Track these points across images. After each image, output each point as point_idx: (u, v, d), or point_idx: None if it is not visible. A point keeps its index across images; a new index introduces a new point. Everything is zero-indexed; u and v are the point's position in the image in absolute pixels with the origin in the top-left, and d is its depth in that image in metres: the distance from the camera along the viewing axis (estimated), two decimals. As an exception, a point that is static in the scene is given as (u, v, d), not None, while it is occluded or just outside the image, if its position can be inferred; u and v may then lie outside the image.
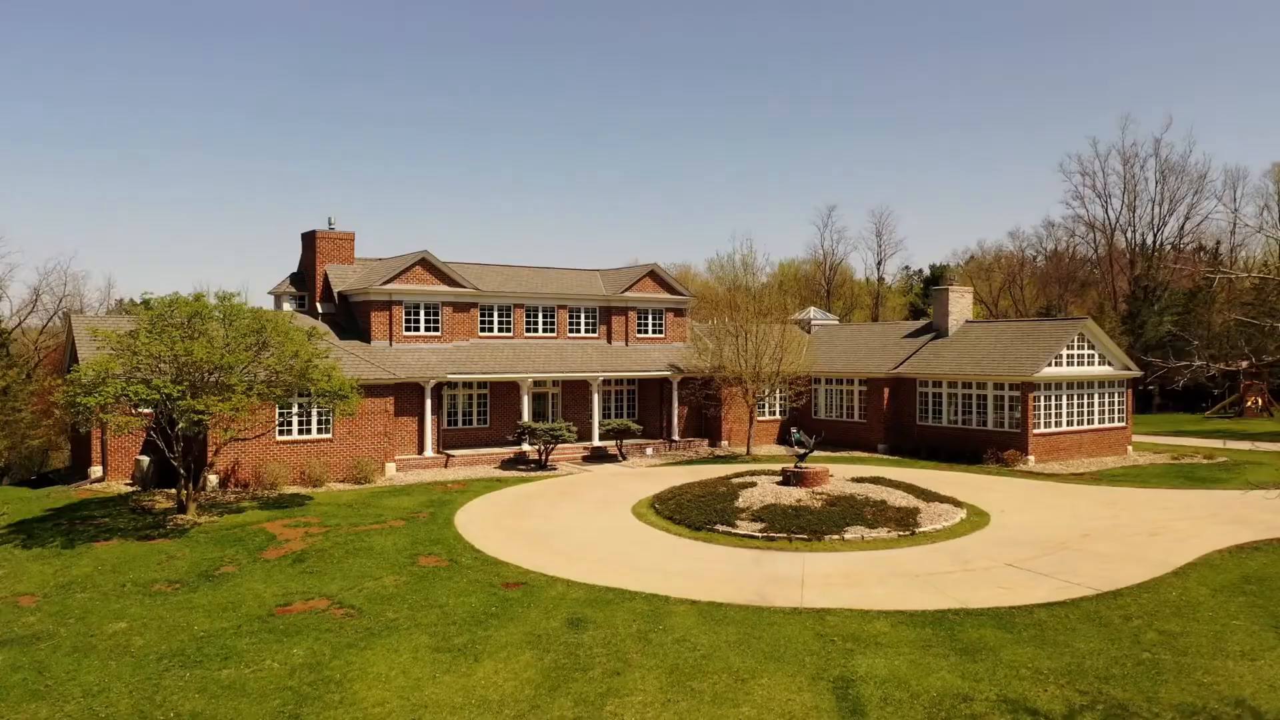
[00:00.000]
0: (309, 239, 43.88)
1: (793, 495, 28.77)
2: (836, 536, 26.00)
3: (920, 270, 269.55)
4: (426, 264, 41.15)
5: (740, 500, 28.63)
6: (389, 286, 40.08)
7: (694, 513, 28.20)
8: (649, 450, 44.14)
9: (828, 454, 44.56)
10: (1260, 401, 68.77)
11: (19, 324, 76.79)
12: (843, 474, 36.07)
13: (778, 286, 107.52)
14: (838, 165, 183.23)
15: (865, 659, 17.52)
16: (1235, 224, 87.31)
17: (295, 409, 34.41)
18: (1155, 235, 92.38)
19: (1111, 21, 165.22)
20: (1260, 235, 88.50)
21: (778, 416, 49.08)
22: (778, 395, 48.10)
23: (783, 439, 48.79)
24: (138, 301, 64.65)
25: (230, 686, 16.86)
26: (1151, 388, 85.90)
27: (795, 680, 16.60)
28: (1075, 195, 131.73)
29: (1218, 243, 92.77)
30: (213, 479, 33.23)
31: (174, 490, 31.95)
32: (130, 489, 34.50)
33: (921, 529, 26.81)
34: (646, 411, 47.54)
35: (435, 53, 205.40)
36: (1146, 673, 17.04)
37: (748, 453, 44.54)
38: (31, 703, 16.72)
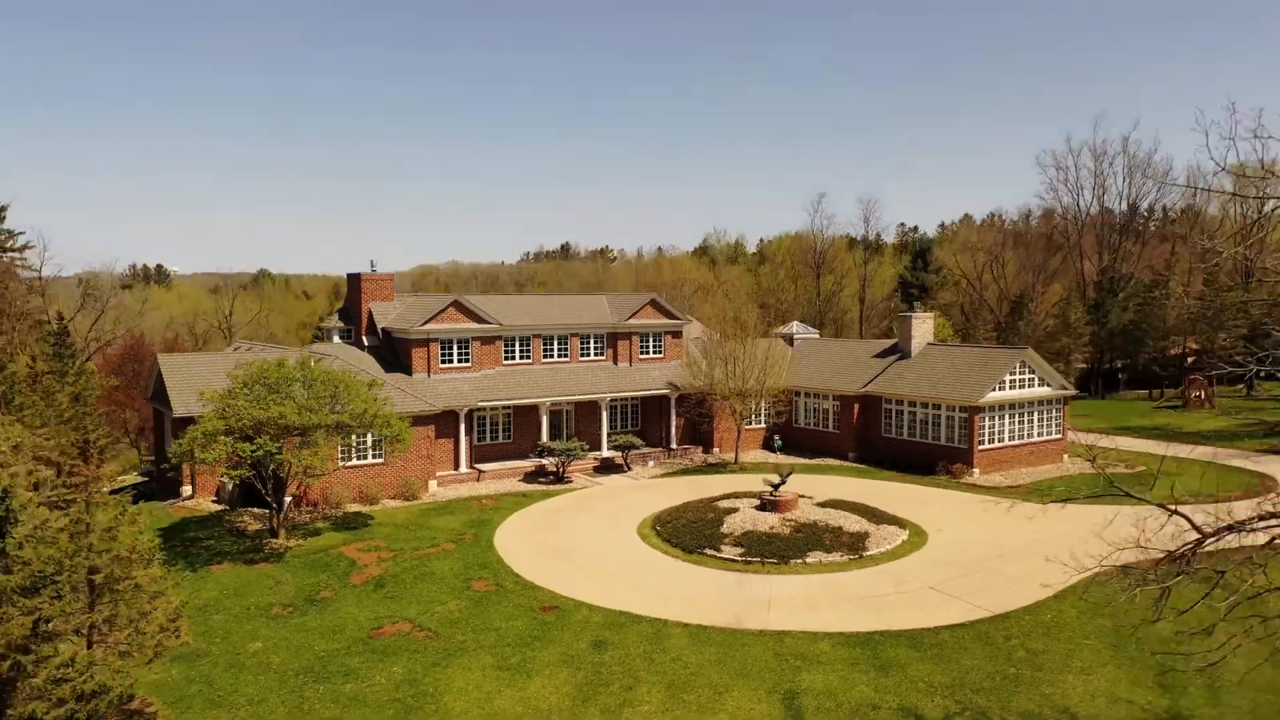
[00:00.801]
0: (354, 280, 50.00)
1: (767, 522, 35.31)
2: (800, 560, 32.53)
3: (916, 227, 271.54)
4: (459, 305, 47.32)
5: (725, 526, 35.17)
6: (427, 327, 46.26)
7: (687, 537, 34.73)
8: (650, 462, 50.58)
9: (805, 460, 51.13)
10: (1203, 394, 74.96)
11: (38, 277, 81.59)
12: (814, 486, 42.64)
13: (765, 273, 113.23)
14: (831, 150, 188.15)
15: (808, 675, 24.10)
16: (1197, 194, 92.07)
17: (354, 440, 40.75)
18: (1122, 229, 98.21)
19: (1100, 23, 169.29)
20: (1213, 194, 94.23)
21: (763, 425, 55.41)
22: (762, 407, 54.40)
23: (767, 444, 55.20)
24: (156, 267, 70.56)
25: (355, 698, 23.47)
26: (1121, 375, 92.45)
27: (756, 693, 23.20)
28: (1050, 188, 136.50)
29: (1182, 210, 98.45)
30: (288, 499, 39.68)
31: (258, 509, 38.46)
32: (218, 507, 40.91)
33: (869, 552, 33.33)
34: (648, 423, 53.93)
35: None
36: (1008, 685, 23.63)
37: (735, 461, 50.99)
38: (212, 709, 23.32)
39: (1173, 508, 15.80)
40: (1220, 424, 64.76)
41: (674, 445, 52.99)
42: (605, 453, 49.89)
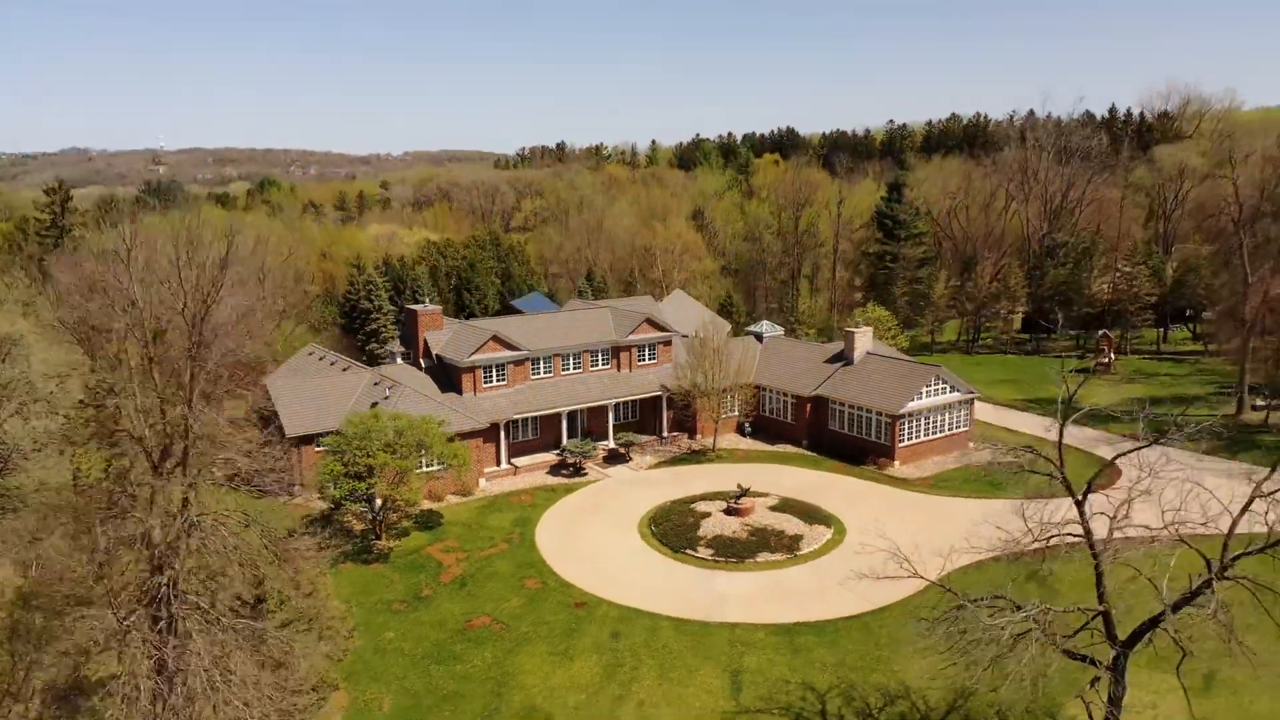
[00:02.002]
0: (411, 315, 62.03)
1: (730, 526, 48.45)
2: (753, 559, 45.70)
3: (904, 125, 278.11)
4: (497, 339, 59.32)
5: (701, 530, 48.31)
6: (473, 358, 58.39)
7: (674, 538, 47.87)
8: (647, 453, 63.43)
9: (766, 447, 64.13)
10: (1107, 359, 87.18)
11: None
12: (773, 479, 55.62)
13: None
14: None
15: (748, 658, 37.44)
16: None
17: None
18: (1062, 198, 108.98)
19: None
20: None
21: (736, 414, 67.99)
22: (736, 399, 66.83)
23: (740, 429, 67.93)
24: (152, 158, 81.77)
25: (464, 676, 36.84)
26: (1055, 331, 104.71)
27: (714, 671, 36.57)
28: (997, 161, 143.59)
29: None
30: (379, 501, 52.62)
31: (357, 507, 51.22)
32: (325, 505, 53.67)
33: (802, 552, 46.49)
34: (645, 414, 66.54)
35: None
36: (871, 664, 36.95)
37: (713, 448, 63.87)
38: (373, 684, 36.66)
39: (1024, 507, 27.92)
40: (1113, 397, 77.42)
41: (665, 434, 65.80)
42: (611, 444, 62.71)
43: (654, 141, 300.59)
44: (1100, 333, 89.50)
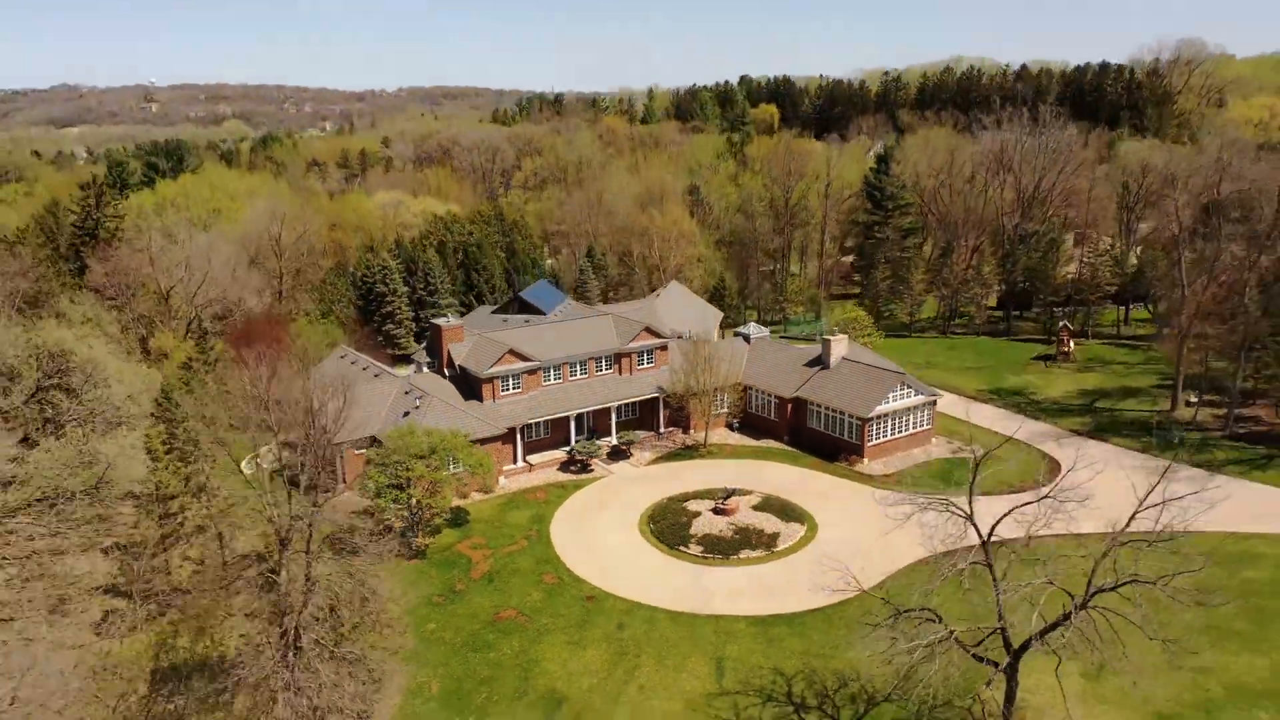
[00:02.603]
0: (436, 330, 68.82)
1: (717, 525, 55.94)
2: (736, 556, 53.23)
3: (899, 76, 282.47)
4: (514, 352, 66.26)
5: (692, 529, 55.79)
6: (491, 369, 65.37)
7: (670, 536, 55.36)
8: (646, 449, 70.73)
9: (752, 442, 71.46)
10: (1067, 348, 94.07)
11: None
12: (756, 475, 62.98)
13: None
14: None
15: (730, 646, 45.11)
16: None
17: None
18: (1035, 188, 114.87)
19: None
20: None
21: (725, 410, 75.17)
22: (725, 398, 73.91)
23: (729, 424, 75.19)
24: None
25: (496, 663, 44.53)
26: (1021, 313, 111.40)
27: (703, 658, 44.26)
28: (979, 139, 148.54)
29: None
30: (414, 502, 59.99)
31: (399, 509, 58.62)
32: (365, 500, 60.92)
33: (778, 548, 54.01)
34: (644, 412, 73.72)
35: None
36: (832, 650, 44.55)
37: (705, 442, 71.17)
38: (422, 668, 44.29)
39: (961, 511, 35.46)
40: (1066, 387, 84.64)
41: (661, 429, 73.12)
42: (615, 442, 70.02)
43: (651, 90, 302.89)
44: (1061, 324, 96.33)
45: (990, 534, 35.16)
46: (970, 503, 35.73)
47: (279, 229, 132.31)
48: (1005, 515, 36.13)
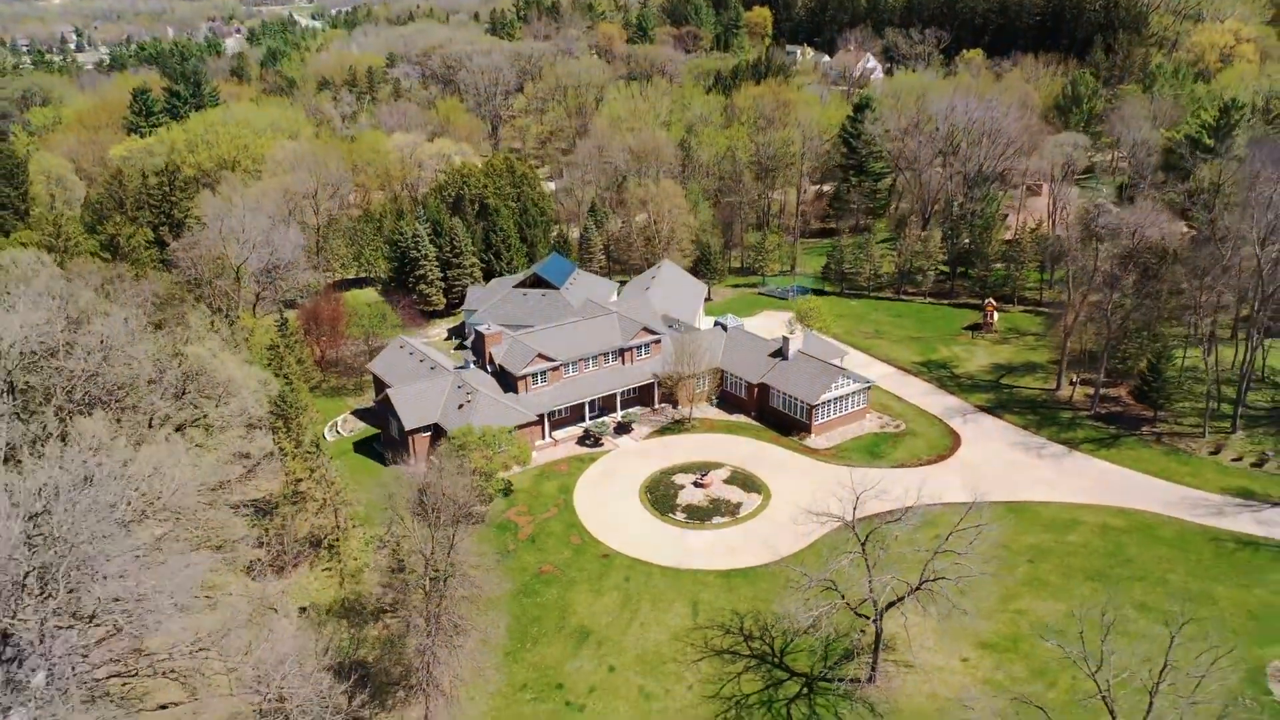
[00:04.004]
0: (479, 337, 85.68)
1: (696, 496, 74.27)
2: (709, 521, 71.72)
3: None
4: (541, 355, 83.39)
5: (679, 499, 74.19)
6: (524, 369, 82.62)
7: (662, 505, 73.73)
8: (644, 424, 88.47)
9: (728, 417, 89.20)
10: (990, 320, 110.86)
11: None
12: (729, 449, 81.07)
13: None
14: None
15: (704, 594, 63.96)
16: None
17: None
18: (978, 170, 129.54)
19: None
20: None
21: (705, 390, 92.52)
22: (706, 380, 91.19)
23: (709, 401, 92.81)
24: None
25: (541, 606, 63.41)
26: (964, 283, 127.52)
27: (683, 603, 63.17)
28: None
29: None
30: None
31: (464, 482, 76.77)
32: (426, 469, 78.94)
33: (740, 515, 72.45)
34: (643, 392, 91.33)
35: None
36: (771, 596, 63.20)
37: (690, 417, 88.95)
38: (492, 610, 63.41)
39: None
40: (982, 361, 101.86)
41: (656, 405, 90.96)
42: (619, 418, 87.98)
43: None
44: (986, 300, 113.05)
45: (865, 540, 53.43)
46: (854, 525, 53.85)
47: (314, 187, 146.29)
48: (872, 533, 54.40)
